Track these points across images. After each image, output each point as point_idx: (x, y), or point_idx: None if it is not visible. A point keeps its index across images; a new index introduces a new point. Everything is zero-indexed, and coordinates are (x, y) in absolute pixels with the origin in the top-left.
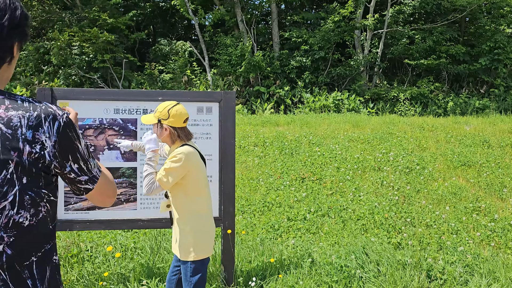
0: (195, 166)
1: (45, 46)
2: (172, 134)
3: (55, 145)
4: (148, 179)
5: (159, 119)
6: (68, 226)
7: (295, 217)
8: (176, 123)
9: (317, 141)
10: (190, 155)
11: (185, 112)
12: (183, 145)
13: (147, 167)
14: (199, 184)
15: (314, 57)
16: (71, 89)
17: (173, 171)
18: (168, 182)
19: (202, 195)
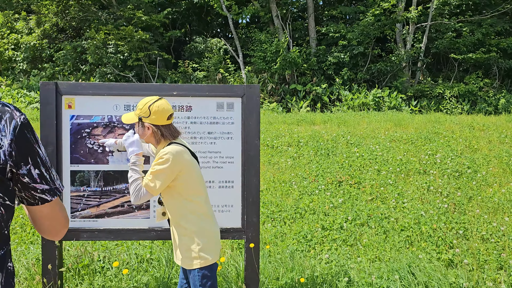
0: (186, 165)
1: (82, 45)
2: (155, 134)
3: (12, 143)
4: (134, 186)
5: (139, 117)
6: (75, 235)
7: (331, 226)
8: (158, 120)
9: (356, 141)
10: (178, 154)
11: (169, 107)
12: (169, 144)
13: (132, 173)
14: (194, 183)
15: (353, 52)
16: (78, 83)
17: (161, 174)
18: (156, 187)
19: (200, 195)
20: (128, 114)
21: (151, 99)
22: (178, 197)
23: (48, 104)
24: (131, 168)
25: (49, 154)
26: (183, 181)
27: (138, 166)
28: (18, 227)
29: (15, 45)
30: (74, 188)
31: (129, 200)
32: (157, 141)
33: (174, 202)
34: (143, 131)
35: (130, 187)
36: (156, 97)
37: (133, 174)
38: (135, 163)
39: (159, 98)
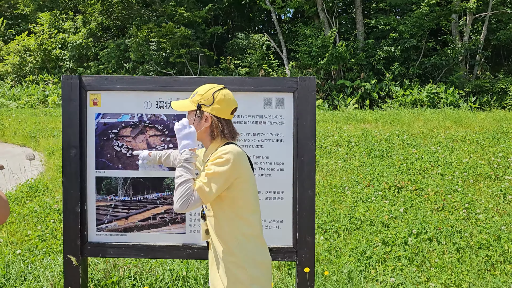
0: (245, 172)
1: (125, 43)
2: (214, 127)
3: None
4: (184, 189)
5: (199, 104)
6: (100, 251)
7: (393, 240)
8: (222, 112)
9: (413, 141)
10: (240, 156)
11: (234, 99)
12: (227, 143)
13: (182, 171)
14: (251, 197)
15: (405, 46)
16: (103, 77)
17: (219, 177)
18: (212, 193)
19: (255, 212)
20: (182, 101)
21: (215, 86)
22: (228, 212)
23: (70, 101)
24: (183, 166)
25: (72, 158)
26: (238, 191)
27: (191, 164)
28: (49, 234)
29: (62, 44)
30: (99, 197)
31: (162, 212)
32: (212, 137)
33: (223, 218)
34: (200, 122)
35: (178, 189)
36: (220, 85)
37: (184, 173)
38: (189, 160)
39: (223, 87)
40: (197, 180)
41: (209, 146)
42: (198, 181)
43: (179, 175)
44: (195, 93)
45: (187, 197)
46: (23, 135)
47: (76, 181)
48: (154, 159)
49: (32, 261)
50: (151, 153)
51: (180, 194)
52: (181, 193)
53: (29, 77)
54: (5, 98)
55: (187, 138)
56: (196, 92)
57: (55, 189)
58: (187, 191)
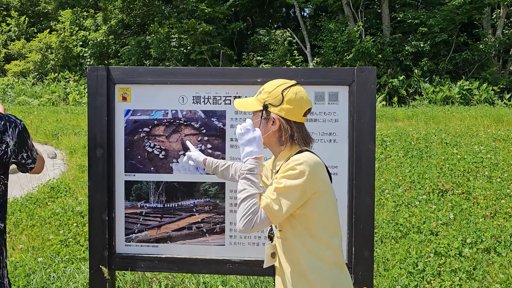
0: (324, 186)
1: (146, 40)
2: (282, 132)
3: (15, 144)
4: (248, 206)
5: (265, 104)
6: (130, 263)
7: (446, 251)
8: (292, 113)
9: (452, 141)
10: (317, 167)
11: (308, 98)
12: (300, 151)
13: (246, 185)
14: (331, 215)
15: (435, 40)
16: (133, 68)
17: (291, 192)
18: (282, 212)
19: (336, 235)
20: (246, 99)
21: (285, 82)
22: (303, 234)
23: (97, 96)
24: (246, 178)
25: (98, 159)
26: (316, 209)
27: (256, 176)
28: (71, 238)
29: (83, 41)
30: (129, 203)
31: (198, 221)
32: (281, 144)
33: (296, 240)
34: (266, 125)
35: (241, 205)
36: (291, 81)
37: (248, 187)
38: (253, 170)
39: (295, 83)
40: (264, 195)
41: (278, 154)
42: (265, 196)
43: (242, 189)
44: (261, 89)
45: (252, 216)
46: (44, 133)
47: (103, 186)
48: (209, 167)
49: (54, 269)
50: (206, 159)
51: (243, 212)
52: (244, 210)
53: (51, 75)
54: (27, 96)
55: (250, 144)
56: (262, 89)
57: (77, 189)
58: (251, 208)
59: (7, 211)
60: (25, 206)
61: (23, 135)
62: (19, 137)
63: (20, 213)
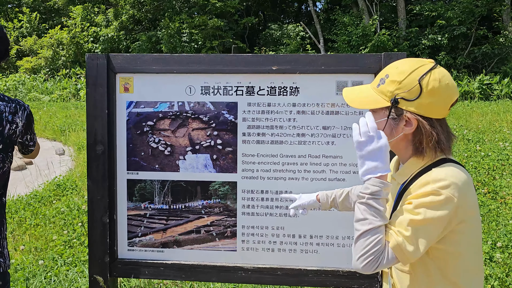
0: (473, 212)
1: (157, 35)
2: (423, 136)
3: (23, 125)
4: (371, 243)
5: (395, 99)
6: (133, 270)
7: None
8: (436, 109)
9: (474, 137)
10: (467, 189)
11: (455, 84)
12: (441, 161)
13: (367, 214)
14: (476, 249)
15: (453, 33)
16: (136, 55)
17: (432, 227)
18: (418, 252)
19: (478, 273)
20: (360, 88)
21: (419, 63)
22: (435, 273)
23: (96, 86)
24: (367, 204)
25: (98, 156)
26: (458, 243)
27: (382, 202)
28: (75, 239)
29: (94, 37)
30: (132, 204)
31: (207, 224)
32: (418, 152)
33: (424, 280)
34: (396, 127)
35: (361, 239)
36: (427, 61)
37: (371, 217)
38: (378, 194)
39: (435, 64)
40: (393, 230)
41: (408, 159)
42: (394, 231)
43: (361, 219)
44: (384, 76)
45: (376, 256)
46: (53, 129)
47: (103, 185)
48: (325, 202)
49: (55, 273)
50: (318, 195)
51: (365, 249)
52: (366, 248)
53: (62, 71)
54: (38, 92)
55: (374, 157)
56: (386, 76)
57: (84, 187)
58: (375, 246)
59: (11, 209)
60: (30, 204)
61: (30, 119)
62: (27, 119)
63: (24, 211)
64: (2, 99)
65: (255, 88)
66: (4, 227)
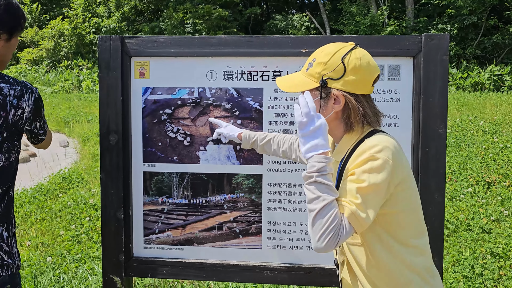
0: (407, 174)
1: (160, 25)
2: (352, 111)
3: (31, 110)
4: (328, 219)
5: (323, 80)
6: (150, 270)
7: (503, 251)
8: (360, 86)
9: (491, 128)
10: (398, 152)
11: (375, 63)
12: (372, 132)
13: (318, 191)
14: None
15: (463, 23)
16: (153, 37)
17: (377, 190)
18: (370, 219)
19: (423, 231)
20: (292, 76)
21: (341, 46)
22: (385, 238)
23: (109, 71)
24: (317, 181)
25: (112, 147)
26: (400, 204)
27: (329, 177)
28: (84, 234)
29: (96, 28)
30: (148, 198)
31: (230, 219)
32: (348, 127)
33: (377, 247)
34: (326, 105)
35: (317, 218)
36: (348, 43)
37: (323, 194)
38: (324, 170)
39: (355, 45)
40: (345, 201)
41: (341, 138)
42: (346, 202)
43: (314, 197)
44: (312, 60)
45: (336, 231)
46: (56, 121)
47: (118, 178)
48: (246, 141)
49: (64, 270)
50: (241, 134)
51: (324, 227)
52: (325, 225)
53: (64, 62)
54: (40, 84)
55: (316, 136)
56: (313, 60)
57: (90, 180)
58: (333, 221)
59: (16, 203)
60: (35, 198)
61: (39, 103)
62: (35, 104)
63: (30, 205)
64: (6, 80)
65: (282, 73)
66: (12, 224)
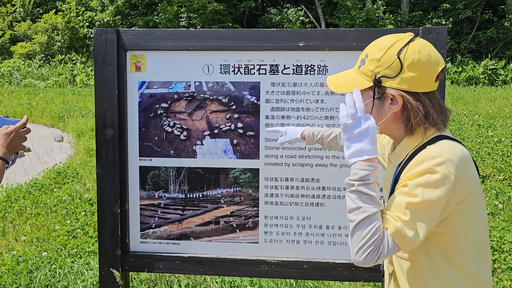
0: (474, 189)
1: (154, 19)
2: (411, 112)
3: None
4: (368, 233)
5: (377, 78)
6: (147, 264)
7: (499, 245)
8: (420, 83)
9: (485, 122)
10: (464, 164)
11: (438, 54)
12: (436, 137)
13: (360, 201)
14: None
15: (458, 17)
16: (149, 31)
17: (431, 208)
18: (419, 239)
19: (486, 259)
20: (344, 75)
21: (398, 38)
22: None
23: (105, 64)
24: (358, 191)
25: (108, 141)
26: (461, 224)
27: (373, 187)
28: (79, 229)
29: (90, 22)
30: (145, 193)
31: (227, 214)
32: (408, 130)
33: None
34: (382, 107)
35: (357, 230)
36: (406, 34)
37: (364, 205)
38: (367, 179)
39: (414, 36)
40: (390, 215)
41: (402, 140)
42: (391, 217)
43: (354, 208)
44: (364, 56)
45: (376, 246)
46: (50, 115)
47: (114, 173)
48: (310, 139)
49: (60, 265)
50: (304, 132)
51: (363, 241)
52: (364, 239)
53: (58, 57)
54: (33, 78)
55: (361, 140)
56: (366, 56)
57: (85, 174)
58: (374, 236)
59: (11, 198)
60: (30, 193)
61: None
62: None
63: (24, 200)
64: None
65: (279, 67)
66: None
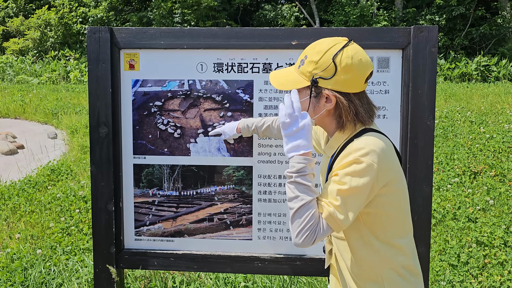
0: (396, 174)
1: (148, 15)
2: (343, 111)
3: None
4: (306, 218)
5: (313, 79)
6: (141, 261)
7: (489, 240)
8: (352, 84)
9: (477, 119)
10: (387, 155)
11: (368, 59)
12: (363, 131)
13: (298, 191)
14: (403, 209)
15: (452, 14)
16: (142, 29)
17: (358, 194)
18: (348, 220)
19: (408, 231)
20: (284, 73)
21: (334, 42)
22: (367, 235)
23: (99, 63)
24: (296, 182)
25: (102, 139)
26: (384, 205)
27: (308, 178)
28: (74, 226)
29: (83, 18)
30: (139, 191)
31: (221, 211)
32: (339, 125)
33: (359, 245)
34: (317, 104)
35: (296, 218)
36: (341, 39)
37: (301, 194)
38: (303, 171)
39: (348, 41)
40: (324, 201)
41: (334, 133)
42: (325, 203)
43: (293, 197)
44: (304, 57)
45: (313, 229)
46: (44, 112)
47: (108, 170)
48: (246, 131)
49: (55, 263)
50: (239, 125)
51: (301, 225)
52: (302, 224)
53: (51, 53)
54: (26, 74)
55: (298, 136)
56: (305, 57)
57: (79, 172)
58: (310, 220)
59: (4, 196)
60: (23, 190)
61: None
62: None
63: (18, 197)
64: None
65: (272, 65)
66: None
